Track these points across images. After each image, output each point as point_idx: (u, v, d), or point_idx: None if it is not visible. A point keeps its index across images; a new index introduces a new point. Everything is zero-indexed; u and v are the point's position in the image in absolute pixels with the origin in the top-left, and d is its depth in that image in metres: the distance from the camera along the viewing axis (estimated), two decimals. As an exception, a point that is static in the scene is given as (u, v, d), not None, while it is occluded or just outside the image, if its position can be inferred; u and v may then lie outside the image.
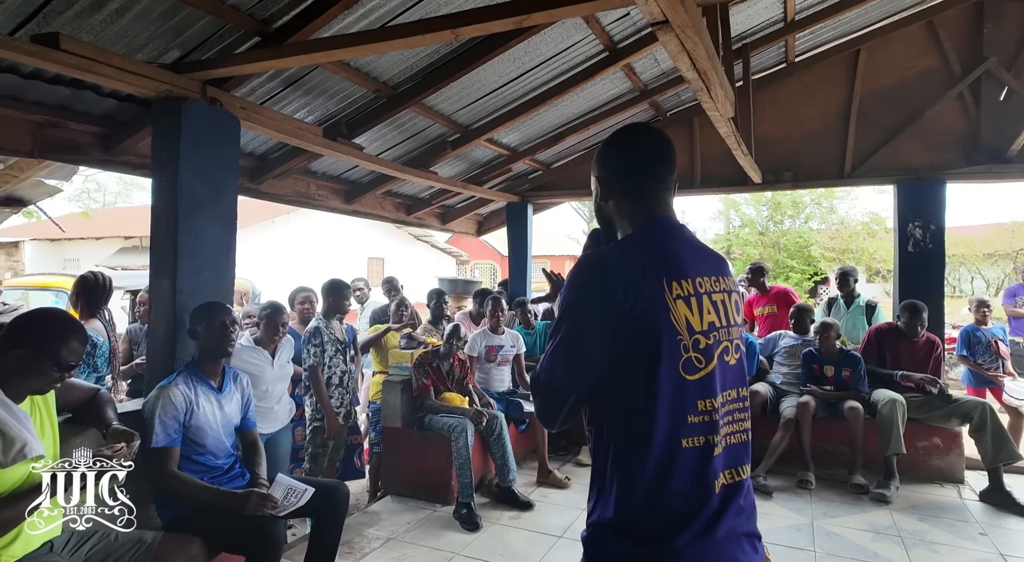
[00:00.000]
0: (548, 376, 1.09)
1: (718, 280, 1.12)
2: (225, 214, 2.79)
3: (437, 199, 5.47)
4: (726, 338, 1.10)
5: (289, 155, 3.78)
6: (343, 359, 3.76)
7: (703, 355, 1.05)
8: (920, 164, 4.71)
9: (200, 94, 2.61)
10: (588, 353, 1.05)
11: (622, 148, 1.21)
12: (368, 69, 3.30)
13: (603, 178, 1.22)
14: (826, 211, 20.28)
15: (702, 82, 2.20)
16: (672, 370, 1.03)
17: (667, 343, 1.02)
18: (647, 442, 1.03)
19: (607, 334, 1.03)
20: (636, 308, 1.02)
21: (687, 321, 1.04)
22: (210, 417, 2.37)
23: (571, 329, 1.06)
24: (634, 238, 1.14)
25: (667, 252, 1.09)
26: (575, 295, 1.08)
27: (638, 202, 1.17)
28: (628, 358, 1.04)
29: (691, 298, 1.05)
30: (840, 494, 3.98)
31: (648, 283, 1.03)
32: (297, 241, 16.04)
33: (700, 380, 1.05)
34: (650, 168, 1.18)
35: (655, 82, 4.67)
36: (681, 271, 1.07)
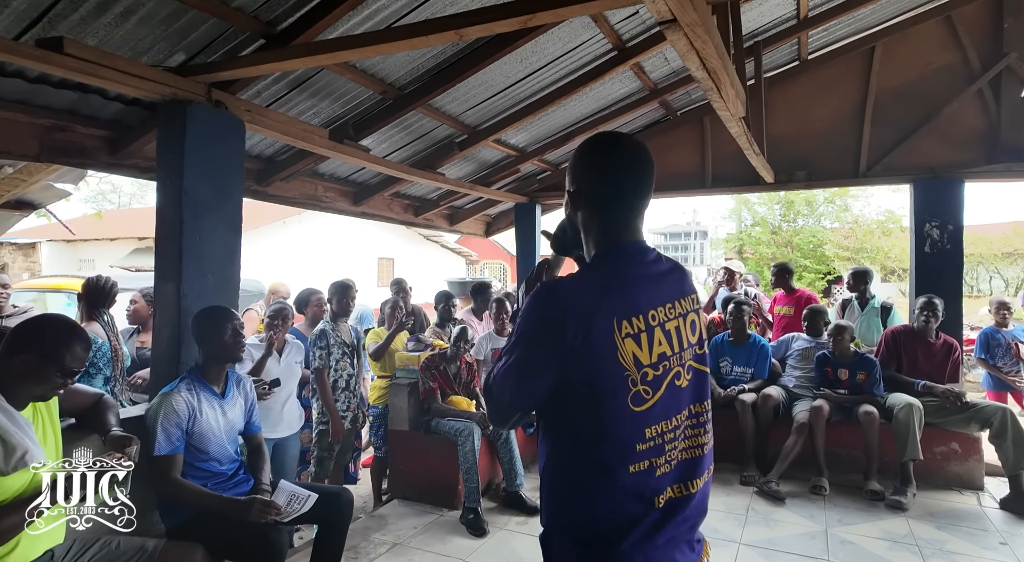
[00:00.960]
0: (499, 391, 1.12)
1: (674, 306, 1.14)
2: (230, 217, 2.78)
3: (445, 200, 5.45)
4: (677, 364, 1.12)
5: (296, 157, 3.77)
6: (350, 362, 3.75)
7: (651, 386, 1.08)
8: (937, 163, 4.60)
9: (205, 97, 2.60)
10: (536, 382, 1.08)
11: (597, 167, 1.16)
12: (374, 70, 3.28)
13: (574, 192, 1.19)
14: (840, 210, 20.03)
15: (712, 82, 2.14)
16: (620, 404, 1.06)
17: (614, 380, 1.05)
18: (592, 465, 1.07)
19: (556, 366, 1.06)
20: (586, 345, 1.04)
21: (635, 357, 1.07)
22: (213, 424, 2.36)
23: (522, 357, 1.09)
24: (592, 271, 1.15)
25: (622, 287, 1.10)
26: (529, 327, 1.09)
27: (605, 225, 1.15)
28: (575, 390, 1.07)
29: (641, 335, 1.07)
30: (855, 500, 3.90)
31: (599, 322, 1.04)
32: (307, 242, 16.12)
33: (648, 410, 1.08)
34: (624, 194, 1.15)
35: (665, 81, 4.60)
36: (633, 307, 1.08)
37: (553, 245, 1.32)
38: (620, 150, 1.16)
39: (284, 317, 3.43)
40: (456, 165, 4.89)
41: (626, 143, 1.18)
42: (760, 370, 4.70)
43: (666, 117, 5.44)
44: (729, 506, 3.87)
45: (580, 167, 1.18)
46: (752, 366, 4.73)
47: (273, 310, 3.45)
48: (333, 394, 3.64)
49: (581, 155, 1.18)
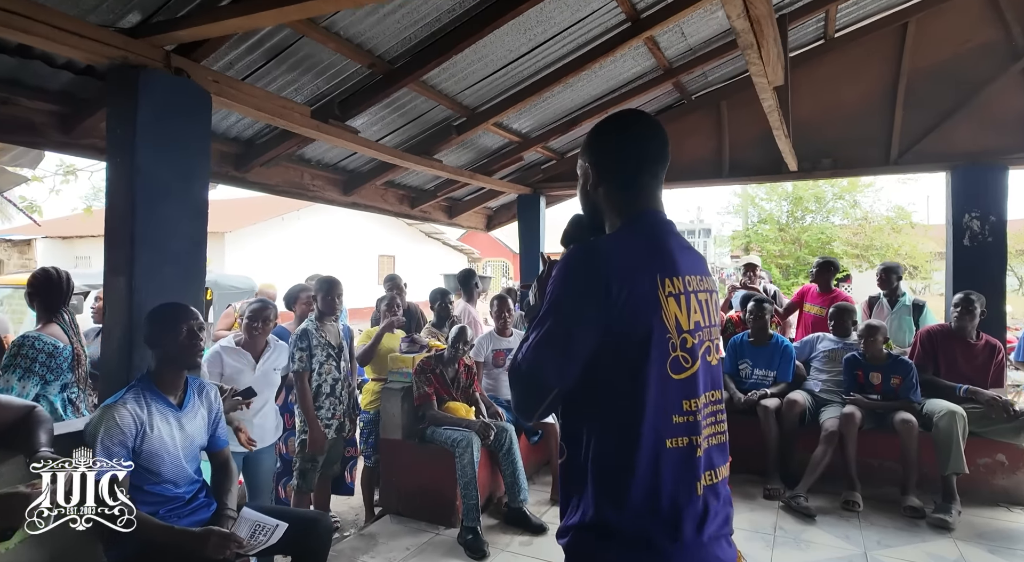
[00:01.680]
0: (531, 368, 1.05)
1: (702, 279, 1.13)
2: (194, 203, 2.44)
3: (443, 191, 5.10)
4: (708, 338, 1.11)
5: (277, 140, 3.43)
6: (336, 365, 3.40)
7: (689, 354, 1.06)
8: (977, 148, 4.23)
9: (162, 63, 2.26)
10: (577, 347, 1.02)
11: (618, 137, 1.18)
12: (361, 39, 2.94)
13: (594, 164, 1.19)
14: (848, 205, 19.63)
15: (753, 36, 1.79)
16: (660, 368, 1.03)
17: (657, 341, 1.02)
18: (632, 441, 1.02)
19: (598, 328, 1.01)
20: (629, 303, 1.01)
21: (676, 319, 1.04)
22: (167, 440, 2.02)
23: (561, 321, 1.03)
24: (626, 231, 1.12)
25: (660, 248, 1.08)
26: (566, 287, 1.05)
27: (629, 194, 1.16)
28: (617, 354, 1.03)
29: (680, 296, 1.05)
30: (893, 518, 3.54)
31: (642, 278, 1.03)
32: (307, 239, 15.84)
33: (686, 380, 1.05)
34: (646, 161, 1.16)
35: (681, 59, 4.25)
36: (673, 268, 1.06)
37: (563, 239, 1.29)
38: (637, 121, 1.20)
39: (265, 318, 3.09)
40: (454, 152, 4.55)
41: (643, 116, 1.23)
42: (783, 373, 4.35)
43: (680, 101, 5.08)
44: (754, 524, 3.52)
45: (600, 140, 1.20)
46: (774, 369, 4.38)
47: (253, 309, 3.11)
48: (316, 400, 3.30)
49: (600, 129, 1.20)
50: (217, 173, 3.43)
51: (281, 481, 3.65)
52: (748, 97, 4.81)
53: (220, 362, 3.03)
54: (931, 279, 19.89)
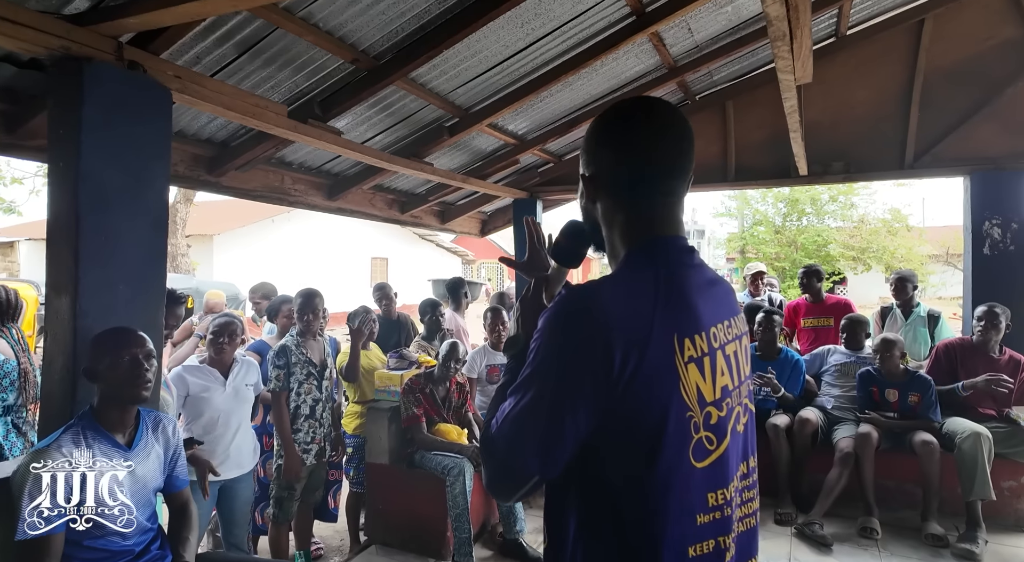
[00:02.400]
0: (508, 448, 0.80)
1: (731, 324, 0.89)
2: (152, 211, 2.17)
3: (435, 195, 4.84)
4: (738, 402, 0.88)
5: (253, 141, 3.16)
6: (318, 385, 3.15)
7: (715, 433, 0.82)
8: (998, 152, 4.02)
9: (113, 55, 1.99)
10: (566, 431, 0.77)
11: (625, 139, 0.88)
12: (342, 33, 2.68)
13: (594, 176, 0.91)
14: (844, 207, 19.51)
15: (788, 24, 1.55)
16: (679, 457, 0.78)
17: (675, 423, 0.78)
18: (639, 554, 0.78)
19: (596, 410, 0.77)
20: (638, 379, 0.76)
21: (699, 391, 0.80)
22: (113, 485, 1.76)
23: (546, 396, 0.78)
24: (634, 270, 0.85)
25: (679, 295, 0.82)
26: (556, 351, 0.79)
27: (639, 215, 0.89)
28: (621, 442, 0.78)
29: (704, 359, 0.82)
30: (913, 546, 3.32)
31: (656, 342, 0.77)
32: (297, 243, 15.56)
33: (711, 466, 0.81)
34: (661, 172, 0.88)
35: (687, 57, 4.01)
36: (696, 321, 0.82)
37: (554, 252, 1.06)
38: (653, 116, 0.88)
39: (231, 334, 2.84)
40: (447, 154, 4.29)
41: (659, 107, 0.89)
42: (792, 388, 4.13)
43: (684, 101, 4.85)
44: (767, 553, 3.28)
45: (602, 141, 0.90)
46: (784, 383, 4.15)
47: (218, 324, 2.86)
48: (294, 423, 3.05)
49: (602, 127, 0.91)
50: (188, 177, 3.16)
51: (259, 507, 3.39)
52: (755, 97, 4.61)
53: (184, 383, 2.78)
54: (927, 282, 19.83)
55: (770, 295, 5.20)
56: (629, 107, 0.90)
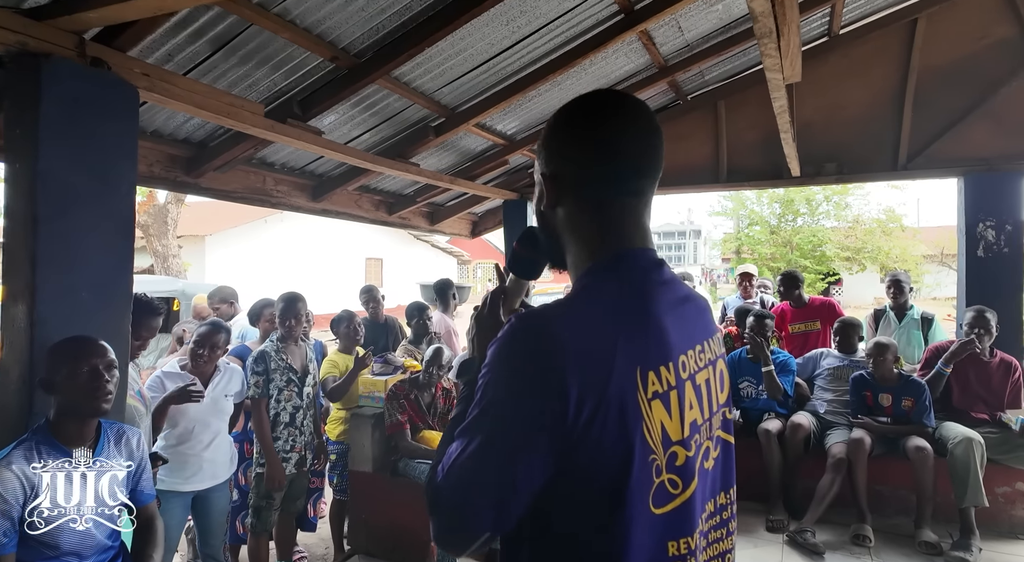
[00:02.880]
0: (456, 500, 0.70)
1: (704, 348, 0.81)
2: (118, 214, 2.09)
3: (423, 196, 4.76)
4: (707, 437, 0.79)
5: (231, 141, 3.08)
6: (298, 391, 3.07)
7: (681, 476, 0.73)
8: (992, 153, 3.97)
9: (75, 51, 1.91)
10: (519, 482, 0.68)
11: (587, 136, 0.79)
12: (321, 30, 2.60)
13: (555, 175, 0.81)
14: (838, 208, 19.52)
15: (774, 20, 1.49)
16: (639, 506, 0.69)
17: (636, 468, 0.68)
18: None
19: (551, 457, 0.67)
20: (596, 421, 0.66)
21: (663, 430, 0.71)
22: (69, 502, 1.67)
23: (496, 443, 0.69)
24: (596, 292, 0.75)
25: (645, 321, 0.73)
26: (504, 392, 0.69)
27: (605, 221, 0.80)
28: (576, 488, 0.69)
29: (671, 393, 0.72)
30: (907, 554, 3.27)
31: (617, 379, 0.68)
32: (292, 241, 15.44)
33: (673, 512, 0.72)
34: (631, 170, 0.79)
35: (677, 56, 3.94)
36: (663, 352, 0.73)
37: (512, 264, 0.96)
38: (623, 109, 0.80)
39: (213, 344, 2.75)
40: (434, 155, 4.22)
41: (629, 101, 0.81)
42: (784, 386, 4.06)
43: (675, 102, 4.78)
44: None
45: (566, 135, 0.81)
46: (775, 384, 4.09)
47: (200, 334, 2.77)
48: (274, 430, 2.97)
49: (567, 120, 0.82)
50: (164, 179, 3.08)
51: (240, 516, 3.30)
52: (747, 97, 4.55)
53: (163, 389, 2.70)
54: (921, 282, 19.86)
55: (762, 297, 5.14)
56: (596, 99, 0.82)
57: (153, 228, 9.83)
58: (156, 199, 9.92)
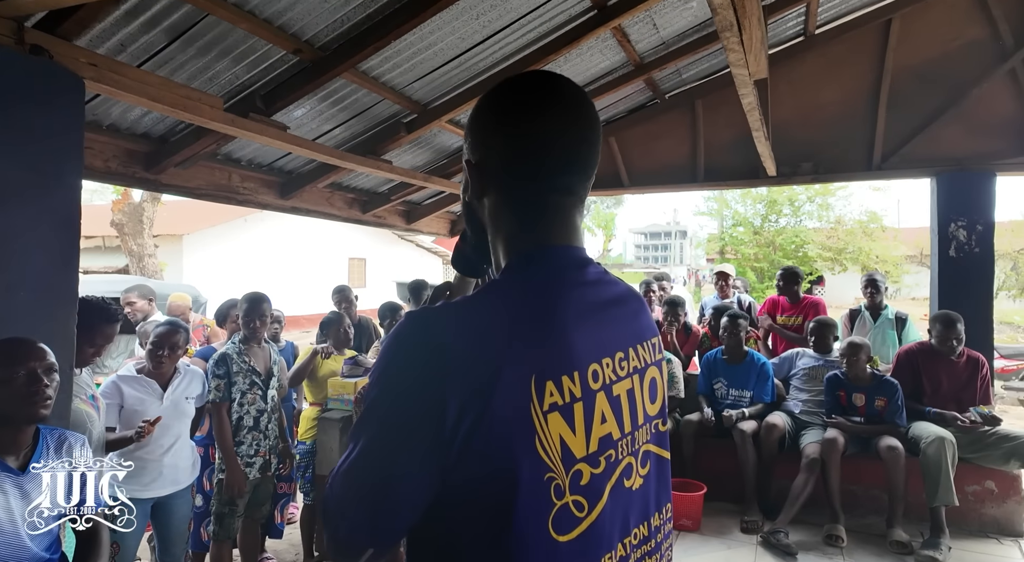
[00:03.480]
0: (336, 512, 0.64)
1: (630, 355, 0.73)
2: (62, 210, 2.00)
3: (398, 194, 4.68)
4: (628, 452, 0.71)
5: (193, 136, 2.99)
6: (262, 394, 2.98)
7: (586, 496, 0.65)
8: (964, 153, 3.99)
9: (12, 38, 1.82)
10: (400, 495, 0.61)
11: (511, 122, 0.71)
12: (282, 21, 2.52)
13: (477, 165, 0.75)
14: (821, 208, 19.73)
15: (734, 13, 1.45)
16: (535, 531, 0.61)
17: (528, 489, 0.61)
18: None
19: (432, 470, 0.60)
20: (478, 434, 0.59)
21: (564, 445, 0.63)
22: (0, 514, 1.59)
23: (374, 446, 0.63)
24: (498, 292, 0.69)
25: (549, 324, 0.65)
26: (386, 394, 0.64)
27: (529, 215, 0.73)
28: (464, 512, 0.62)
29: (575, 405, 0.65)
30: (878, 554, 3.26)
31: (504, 388, 0.60)
32: (273, 241, 15.21)
33: (581, 538, 0.64)
34: (564, 162, 0.72)
35: (653, 54, 3.91)
36: (568, 359, 0.65)
37: (454, 260, 0.90)
38: (550, 98, 0.71)
39: (173, 345, 2.66)
40: (407, 151, 4.14)
41: (566, 84, 0.73)
42: (760, 392, 4.06)
43: (653, 100, 4.76)
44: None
45: (494, 120, 0.73)
46: (751, 388, 4.09)
47: (158, 334, 2.67)
48: (237, 435, 2.89)
49: (496, 103, 0.74)
50: (122, 174, 2.98)
51: (203, 523, 3.21)
52: (724, 97, 4.53)
53: (119, 393, 2.60)
54: (901, 282, 20.14)
55: (739, 297, 5.14)
56: (529, 81, 0.74)
57: (128, 227, 9.62)
58: (131, 197, 9.70)
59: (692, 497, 3.63)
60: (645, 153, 4.80)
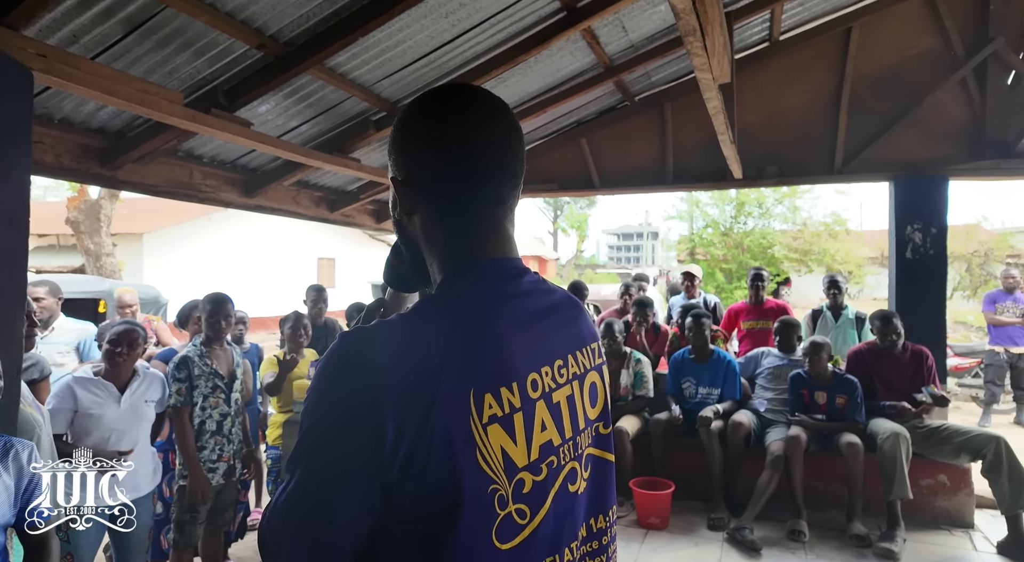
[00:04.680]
0: (275, 543, 0.63)
1: (569, 362, 0.74)
2: (9, 205, 1.91)
3: (367, 193, 4.62)
4: (571, 457, 0.72)
5: (151, 132, 2.89)
6: (226, 398, 2.90)
7: (529, 504, 0.66)
8: (919, 158, 4.14)
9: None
10: (339, 527, 0.60)
11: (438, 135, 0.71)
12: (245, 15, 2.46)
13: (408, 179, 0.74)
14: (789, 211, 20.24)
15: (696, 18, 1.46)
16: (480, 542, 0.62)
17: (472, 502, 0.61)
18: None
19: (373, 494, 0.60)
20: (419, 452, 0.59)
21: (505, 456, 0.64)
22: (-64, 526, 1.51)
23: (312, 480, 0.61)
24: (432, 308, 0.68)
25: (486, 336, 0.66)
26: (320, 420, 0.62)
27: (462, 228, 0.73)
28: (403, 526, 0.62)
29: (515, 416, 0.65)
30: (838, 547, 3.36)
31: (442, 404, 0.60)
32: (239, 240, 14.86)
33: (522, 545, 0.65)
34: (491, 172, 0.72)
35: (623, 56, 3.95)
36: (506, 370, 0.66)
37: (385, 275, 0.88)
38: (468, 107, 0.72)
39: (132, 343, 2.56)
40: (376, 150, 4.09)
41: (486, 96, 0.75)
42: (729, 390, 4.14)
43: (623, 103, 4.81)
44: (698, 561, 3.25)
45: (418, 134, 0.73)
46: (719, 386, 4.16)
47: (116, 332, 2.58)
48: (199, 439, 2.80)
49: (419, 117, 0.74)
50: (75, 170, 2.86)
51: (163, 530, 3.11)
52: (692, 100, 4.58)
53: (72, 397, 2.49)
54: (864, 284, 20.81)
55: (705, 297, 5.24)
56: (450, 93, 0.74)
57: (84, 225, 9.26)
58: (88, 195, 9.36)
59: (660, 496, 3.68)
60: (615, 155, 4.84)
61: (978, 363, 6.73)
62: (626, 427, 3.97)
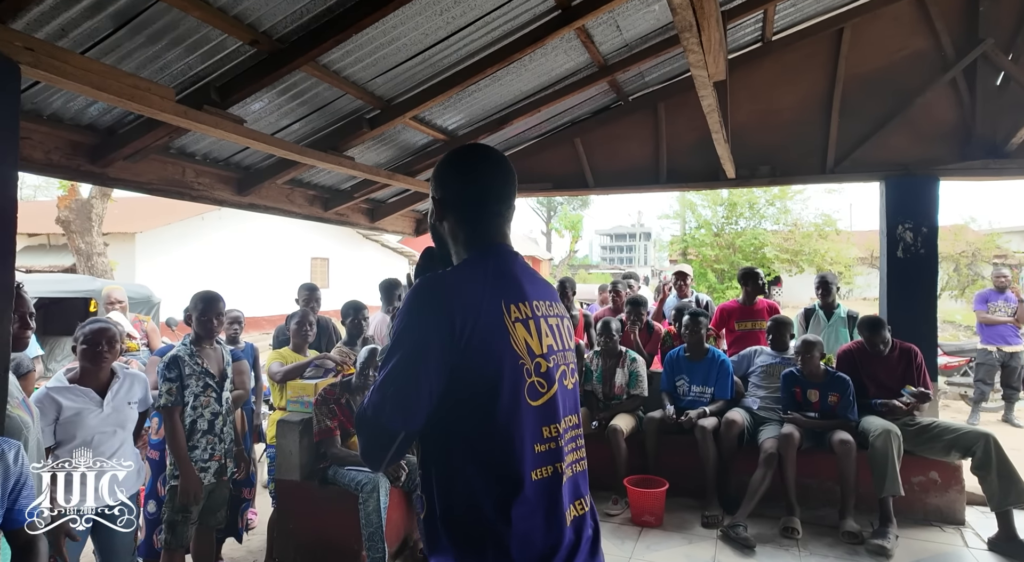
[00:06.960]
0: (376, 411, 1.01)
1: (552, 305, 1.17)
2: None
3: (361, 192, 4.60)
4: (563, 362, 1.13)
5: (143, 128, 2.86)
6: (217, 397, 2.87)
7: (545, 379, 1.07)
8: (910, 158, 4.17)
9: (-62, 19, 1.70)
10: (423, 385, 1.00)
11: (461, 173, 1.20)
12: (237, 11, 2.43)
13: (440, 200, 1.20)
14: (780, 212, 20.33)
15: (693, 13, 1.46)
16: (516, 397, 1.02)
17: (509, 368, 1.03)
18: (492, 478, 1.00)
19: (445, 365, 1.00)
20: (476, 336, 1.01)
21: (527, 344, 1.05)
22: (-80, 527, 1.48)
23: (405, 358, 1.01)
24: (471, 262, 1.14)
25: (505, 275, 1.11)
26: (410, 321, 1.03)
27: (474, 229, 1.17)
28: (469, 387, 1.02)
29: (529, 321, 1.07)
30: (831, 545, 3.38)
31: (487, 306, 1.03)
32: (232, 240, 14.75)
33: (544, 405, 1.06)
34: (489, 200, 1.18)
35: (617, 56, 3.95)
36: (519, 293, 1.09)
37: (416, 273, 1.25)
38: (483, 160, 1.21)
39: (109, 340, 2.52)
40: (371, 148, 4.08)
41: (489, 152, 1.23)
42: (722, 389, 4.15)
43: (617, 102, 4.81)
44: (692, 558, 3.26)
45: (445, 173, 1.21)
46: (712, 385, 4.18)
47: (91, 331, 2.50)
48: (191, 439, 2.77)
49: (444, 163, 1.22)
50: (65, 167, 2.82)
51: (155, 530, 3.08)
52: (686, 100, 4.62)
53: (54, 405, 2.42)
54: (853, 284, 20.94)
55: (697, 296, 5.26)
56: (471, 150, 1.26)
57: (75, 224, 9.16)
58: (79, 193, 9.26)
59: (655, 493, 3.68)
60: (609, 154, 4.84)
61: (967, 362, 6.80)
62: (620, 425, 3.97)
